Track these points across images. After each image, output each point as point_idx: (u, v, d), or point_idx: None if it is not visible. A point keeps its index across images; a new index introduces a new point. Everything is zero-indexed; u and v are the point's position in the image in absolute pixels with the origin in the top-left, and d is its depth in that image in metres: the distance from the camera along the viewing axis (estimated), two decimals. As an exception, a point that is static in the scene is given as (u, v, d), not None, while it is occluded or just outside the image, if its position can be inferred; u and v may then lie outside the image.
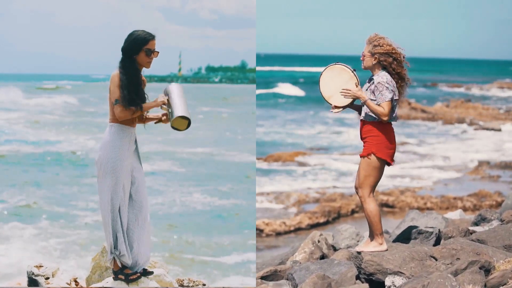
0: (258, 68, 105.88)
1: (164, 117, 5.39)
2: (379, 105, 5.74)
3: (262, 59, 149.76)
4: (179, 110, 5.24)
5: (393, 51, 5.82)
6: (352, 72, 5.88)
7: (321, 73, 5.94)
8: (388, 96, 5.73)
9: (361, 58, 5.92)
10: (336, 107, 5.93)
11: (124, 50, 5.24)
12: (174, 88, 5.34)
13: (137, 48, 5.23)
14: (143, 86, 5.34)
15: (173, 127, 5.28)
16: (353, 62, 6.29)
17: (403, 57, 5.87)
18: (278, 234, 15.32)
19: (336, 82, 5.88)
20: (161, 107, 5.31)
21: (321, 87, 5.94)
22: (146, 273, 5.46)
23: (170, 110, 5.27)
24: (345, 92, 5.86)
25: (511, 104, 48.88)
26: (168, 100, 5.29)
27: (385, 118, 5.75)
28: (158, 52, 5.30)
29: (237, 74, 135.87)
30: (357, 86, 5.86)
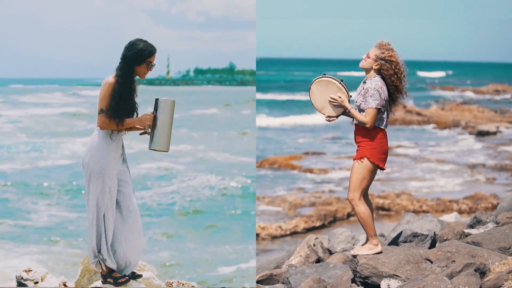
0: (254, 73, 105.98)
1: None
2: (363, 110, 5.80)
3: (258, 62, 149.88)
4: (158, 142, 5.23)
5: (397, 67, 5.85)
6: (340, 83, 5.92)
7: (309, 87, 6.01)
8: (371, 103, 5.77)
9: (363, 56, 5.93)
10: (330, 117, 5.98)
11: (127, 58, 5.24)
12: (165, 107, 5.27)
13: (141, 59, 5.25)
14: (135, 91, 5.34)
15: (150, 149, 5.30)
16: (348, 66, 6.30)
17: (404, 76, 5.91)
18: (274, 238, 15.31)
19: (325, 94, 5.96)
20: (144, 128, 5.32)
21: (312, 100, 6.03)
22: (135, 276, 5.48)
23: (152, 134, 5.26)
24: (333, 101, 5.90)
25: (506, 107, 48.97)
26: (154, 117, 5.25)
27: (368, 125, 5.81)
28: (155, 65, 5.34)
29: (225, 76, 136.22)
30: (346, 96, 5.90)
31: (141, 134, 5.40)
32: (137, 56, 5.23)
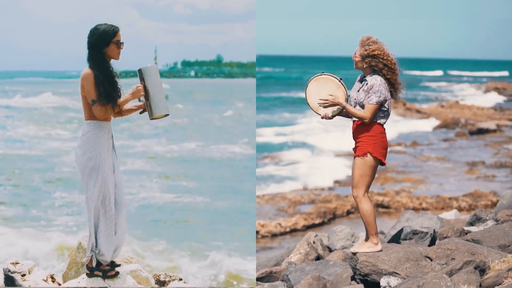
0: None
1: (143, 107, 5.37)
2: (364, 106, 5.77)
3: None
4: (158, 107, 5.25)
5: (385, 58, 5.80)
6: (339, 81, 5.86)
7: (306, 85, 5.93)
8: (373, 100, 5.75)
9: (352, 58, 5.90)
10: (326, 116, 5.93)
11: (92, 44, 5.20)
12: (150, 73, 5.27)
13: (107, 41, 5.20)
14: (116, 74, 5.32)
15: (152, 119, 5.31)
16: (346, 63, 6.29)
17: (395, 64, 5.85)
18: (274, 235, 15.31)
19: (323, 93, 5.86)
20: (139, 100, 5.31)
21: (308, 99, 5.94)
22: (114, 265, 5.47)
23: (148, 103, 5.26)
24: (323, 103, 5.85)
25: (506, 104, 48.97)
26: (144, 87, 5.25)
27: (366, 120, 5.79)
28: (123, 43, 5.29)
29: (213, 68, 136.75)
30: (345, 94, 5.84)
31: (141, 113, 5.39)
32: (102, 38, 5.19)
